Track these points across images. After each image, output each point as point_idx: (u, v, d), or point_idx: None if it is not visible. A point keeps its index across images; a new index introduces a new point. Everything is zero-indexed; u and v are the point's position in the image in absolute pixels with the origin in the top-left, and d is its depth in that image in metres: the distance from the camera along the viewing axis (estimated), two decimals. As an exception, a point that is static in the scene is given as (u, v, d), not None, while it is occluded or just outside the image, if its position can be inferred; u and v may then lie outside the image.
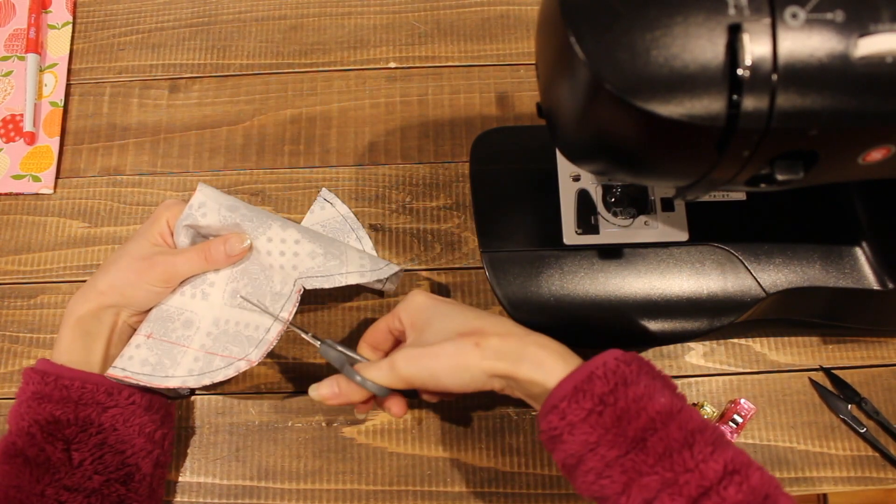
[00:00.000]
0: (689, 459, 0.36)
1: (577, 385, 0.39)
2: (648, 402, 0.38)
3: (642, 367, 0.40)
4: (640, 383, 0.39)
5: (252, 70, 0.64)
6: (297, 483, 0.54)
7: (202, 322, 0.50)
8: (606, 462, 0.37)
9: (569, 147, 0.43)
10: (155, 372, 0.49)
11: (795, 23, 0.31)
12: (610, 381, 0.39)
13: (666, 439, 0.37)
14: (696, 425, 0.37)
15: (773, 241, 0.52)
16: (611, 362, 0.39)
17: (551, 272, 0.53)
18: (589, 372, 0.39)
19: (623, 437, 0.37)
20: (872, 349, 0.56)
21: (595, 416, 0.38)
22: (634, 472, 0.36)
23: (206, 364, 0.49)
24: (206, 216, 0.49)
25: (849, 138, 0.34)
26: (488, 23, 0.65)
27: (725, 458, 0.36)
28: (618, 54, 0.33)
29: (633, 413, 0.38)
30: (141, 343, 0.50)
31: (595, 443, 0.38)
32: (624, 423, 0.37)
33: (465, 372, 0.42)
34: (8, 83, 0.65)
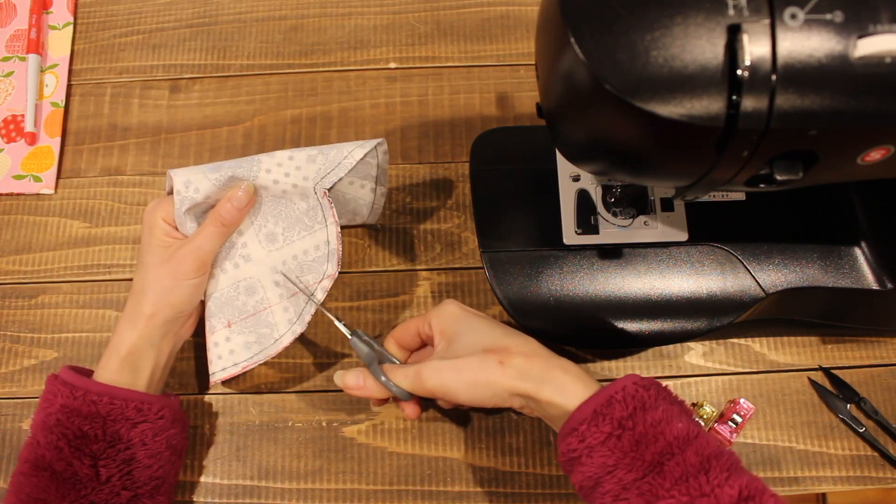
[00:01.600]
0: (704, 484, 0.36)
1: (596, 409, 0.39)
2: (666, 427, 0.38)
3: (660, 392, 0.41)
4: (659, 408, 0.39)
5: (252, 70, 0.65)
6: (297, 483, 0.54)
7: (262, 279, 0.51)
8: (623, 485, 0.38)
9: (568, 147, 0.43)
10: (263, 344, 0.50)
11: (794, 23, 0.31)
12: (629, 406, 0.39)
13: (683, 464, 0.37)
14: (713, 451, 0.38)
15: (773, 241, 0.52)
16: (630, 387, 0.40)
17: (551, 272, 0.53)
18: (608, 396, 0.40)
19: (641, 460, 0.38)
20: (871, 349, 0.56)
21: (614, 440, 0.38)
22: (651, 495, 0.37)
23: (297, 305, 0.50)
24: (198, 191, 0.48)
25: (848, 138, 0.34)
26: (488, 23, 0.65)
27: (741, 483, 0.36)
28: (618, 54, 0.33)
29: (651, 437, 0.38)
30: (229, 335, 0.50)
31: (613, 466, 0.38)
32: (642, 446, 0.38)
33: (486, 388, 0.43)
34: (9, 83, 0.65)
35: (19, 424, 0.56)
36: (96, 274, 0.59)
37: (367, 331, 0.56)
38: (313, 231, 0.50)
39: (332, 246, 0.50)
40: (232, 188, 0.49)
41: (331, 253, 0.50)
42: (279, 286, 0.51)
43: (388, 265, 0.59)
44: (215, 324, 0.51)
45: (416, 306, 0.58)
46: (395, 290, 0.58)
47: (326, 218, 0.50)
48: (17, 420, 0.56)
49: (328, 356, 0.57)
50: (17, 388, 0.57)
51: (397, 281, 0.58)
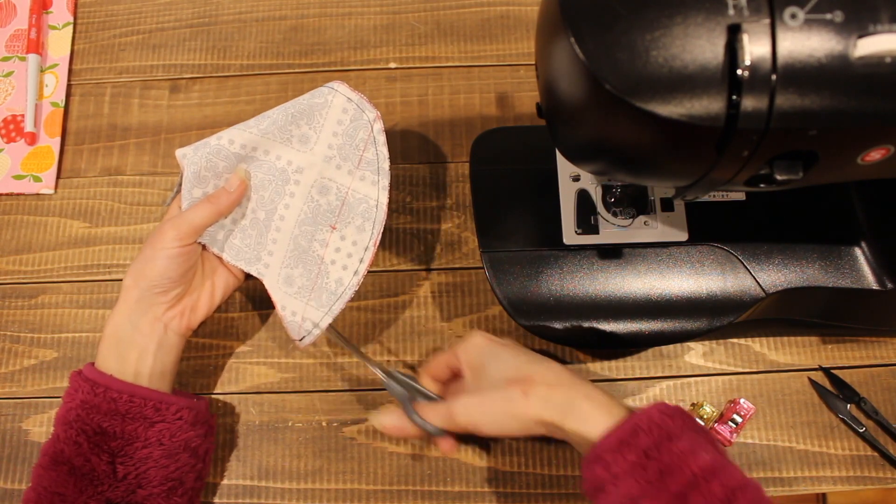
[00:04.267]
0: None
1: (622, 438, 0.39)
2: (692, 458, 0.38)
3: (686, 421, 0.41)
4: (684, 438, 0.39)
5: (252, 70, 0.65)
6: (297, 483, 0.54)
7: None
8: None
9: (568, 147, 0.43)
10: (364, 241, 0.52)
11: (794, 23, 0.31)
12: (654, 435, 0.39)
13: (708, 495, 0.37)
14: (738, 483, 0.38)
15: (773, 241, 0.52)
16: (656, 415, 0.40)
17: (551, 272, 0.53)
18: (634, 425, 0.40)
19: (666, 491, 0.37)
20: (871, 349, 0.56)
21: (640, 470, 0.38)
22: None
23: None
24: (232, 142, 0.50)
25: (848, 138, 0.34)
26: (488, 23, 0.65)
27: None
28: (617, 55, 0.33)
29: (677, 468, 0.38)
30: (335, 252, 0.52)
31: (638, 496, 0.38)
32: (667, 477, 0.38)
33: (514, 420, 0.43)
34: (9, 83, 0.65)
35: (19, 424, 0.56)
36: (96, 274, 0.59)
37: (368, 331, 0.56)
38: (320, 308, 0.51)
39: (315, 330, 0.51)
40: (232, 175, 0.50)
41: (311, 334, 0.51)
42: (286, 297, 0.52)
43: (388, 265, 0.59)
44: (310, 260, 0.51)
45: (416, 306, 0.58)
46: (395, 289, 0.58)
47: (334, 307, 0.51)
48: (17, 420, 0.56)
49: (328, 356, 0.57)
50: (17, 387, 0.57)
51: (397, 281, 0.58)
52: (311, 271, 0.51)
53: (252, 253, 0.52)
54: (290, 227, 0.52)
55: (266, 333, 0.58)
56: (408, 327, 0.57)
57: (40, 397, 0.57)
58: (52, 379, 0.57)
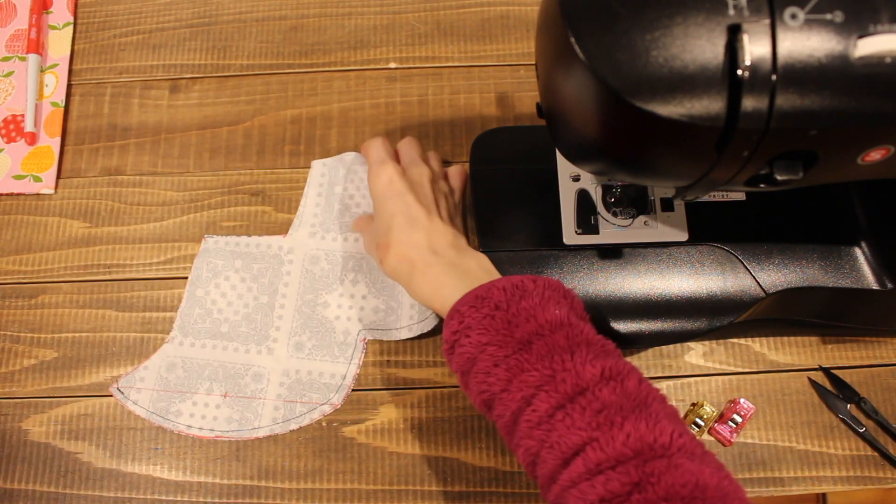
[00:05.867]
0: (567, 361, 0.38)
1: (478, 294, 0.42)
2: (540, 312, 0.40)
3: (549, 284, 0.43)
4: (537, 296, 0.41)
5: (252, 70, 0.65)
6: (297, 483, 0.54)
7: (272, 375, 0.55)
8: (494, 361, 0.40)
9: (568, 147, 0.43)
10: (242, 427, 0.54)
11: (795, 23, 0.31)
12: (508, 293, 0.42)
13: (550, 344, 0.39)
14: (585, 339, 0.40)
15: (773, 241, 0.52)
16: (516, 279, 0.42)
17: (551, 272, 0.53)
18: (491, 284, 0.42)
19: (511, 338, 0.40)
20: (871, 349, 0.56)
21: (489, 320, 0.41)
22: (517, 369, 0.39)
23: (289, 411, 0.54)
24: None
25: (848, 138, 0.34)
26: (488, 23, 0.65)
27: (605, 365, 0.38)
28: (618, 54, 0.33)
29: (523, 319, 0.40)
30: (220, 403, 0.54)
31: (486, 343, 0.40)
32: (513, 326, 0.40)
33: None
34: (9, 83, 0.65)
35: (19, 424, 0.56)
36: (96, 274, 0.59)
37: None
38: (336, 361, 0.55)
39: (346, 381, 0.55)
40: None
41: (342, 387, 0.55)
42: (282, 387, 0.55)
43: (388, 265, 0.59)
44: (214, 387, 0.55)
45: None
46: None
47: (353, 358, 0.55)
48: (17, 420, 0.56)
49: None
50: (17, 387, 0.57)
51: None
52: (318, 332, 0.55)
53: (261, 334, 0.56)
54: (292, 302, 0.56)
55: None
56: (408, 327, 0.57)
57: (40, 397, 0.57)
58: (52, 379, 0.57)
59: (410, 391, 0.56)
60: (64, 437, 0.55)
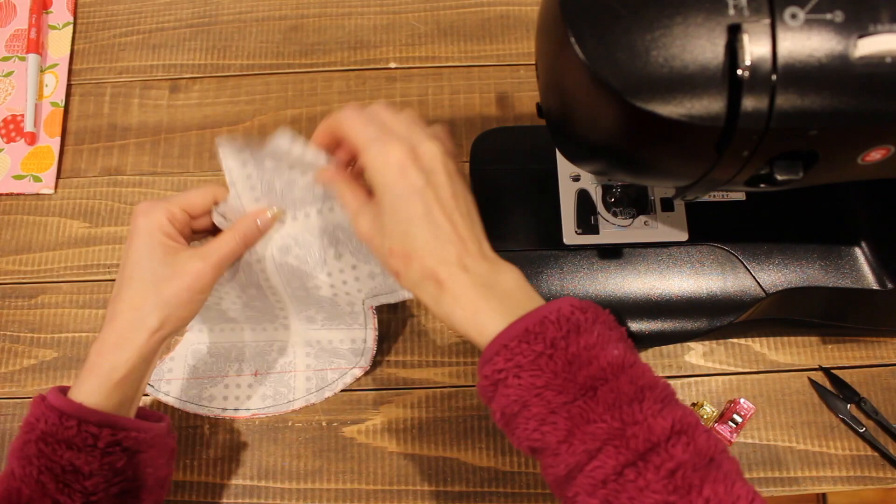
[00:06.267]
0: (637, 412, 0.34)
1: (528, 328, 0.36)
2: (601, 352, 0.36)
3: (598, 316, 0.38)
4: (594, 332, 0.37)
5: (252, 70, 0.65)
6: (297, 483, 0.54)
7: (296, 347, 0.55)
8: (552, 408, 0.35)
9: (568, 147, 0.43)
10: (277, 401, 0.54)
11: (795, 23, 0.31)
12: (563, 328, 0.36)
13: (616, 391, 0.35)
14: (647, 382, 0.36)
15: (773, 241, 0.52)
16: (566, 308, 0.37)
17: (551, 272, 0.53)
18: (542, 316, 0.36)
19: (573, 382, 0.35)
20: (871, 349, 0.56)
21: (545, 359, 0.36)
22: (581, 419, 0.35)
23: (320, 380, 0.54)
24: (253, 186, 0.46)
25: (848, 138, 0.34)
26: (488, 23, 0.65)
27: (674, 416, 0.35)
28: (618, 54, 0.33)
29: (585, 360, 0.36)
30: (252, 382, 0.54)
31: (542, 387, 0.35)
32: (574, 368, 0.35)
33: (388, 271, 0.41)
34: (9, 83, 0.65)
35: (19, 424, 0.56)
36: (96, 274, 0.59)
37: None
38: (352, 328, 0.54)
39: (368, 345, 0.54)
40: (261, 209, 0.46)
41: (366, 350, 0.54)
42: (308, 356, 0.55)
43: (388, 265, 0.59)
44: (244, 368, 0.54)
45: (417, 306, 0.58)
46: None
47: (367, 324, 0.54)
48: (17, 420, 0.56)
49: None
50: (16, 387, 0.57)
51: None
52: (323, 308, 0.53)
53: (268, 315, 0.54)
54: (282, 292, 0.51)
55: (266, 333, 0.58)
56: (408, 327, 0.57)
57: (40, 397, 0.57)
58: (52, 379, 0.57)
59: (410, 391, 0.56)
60: (64, 437, 0.55)
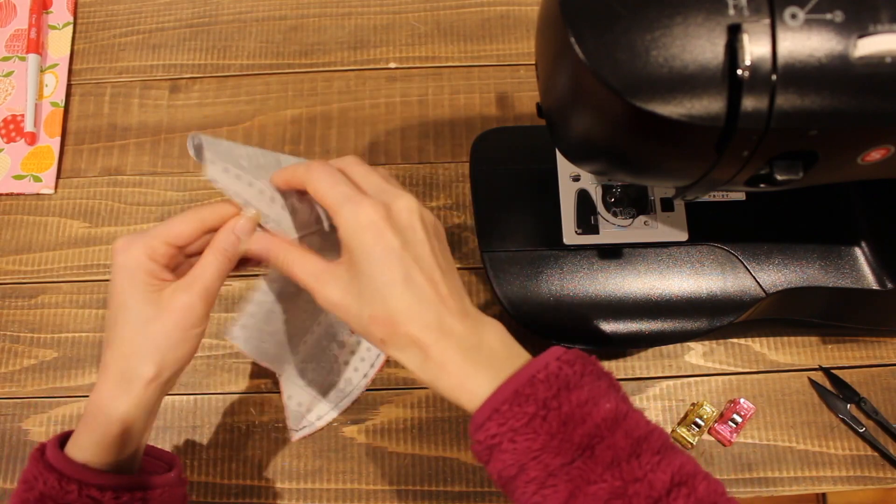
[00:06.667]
0: (637, 469, 0.34)
1: (518, 389, 0.36)
2: (594, 408, 0.35)
3: (586, 367, 0.37)
4: (584, 387, 0.36)
5: (252, 70, 0.65)
6: (297, 483, 0.54)
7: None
8: (550, 471, 0.35)
9: (568, 147, 0.43)
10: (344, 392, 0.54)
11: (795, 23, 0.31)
12: (553, 386, 0.36)
13: (613, 447, 0.35)
14: (642, 433, 0.36)
15: (773, 241, 0.52)
16: (553, 364, 0.36)
17: (551, 272, 0.53)
18: (531, 375, 0.36)
19: (569, 442, 0.35)
20: (871, 349, 0.56)
21: (538, 421, 0.35)
22: (581, 480, 0.34)
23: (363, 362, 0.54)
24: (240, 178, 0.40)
25: (848, 138, 0.34)
26: (488, 23, 0.65)
27: (672, 468, 0.35)
28: (618, 54, 0.33)
29: (579, 419, 0.35)
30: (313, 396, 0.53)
31: (539, 450, 0.35)
32: (569, 428, 0.35)
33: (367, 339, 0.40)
34: (9, 83, 0.65)
35: (19, 424, 0.56)
36: (96, 274, 0.59)
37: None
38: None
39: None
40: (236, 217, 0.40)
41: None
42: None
43: (388, 265, 0.59)
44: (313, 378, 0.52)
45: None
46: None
47: None
48: (17, 420, 0.56)
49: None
50: (16, 387, 0.57)
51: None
52: (323, 369, 0.52)
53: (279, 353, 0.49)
54: (321, 330, 0.50)
55: (266, 333, 0.58)
56: (408, 327, 0.57)
57: (40, 397, 0.57)
58: (52, 379, 0.57)
59: (410, 391, 0.56)
60: (64, 437, 0.55)
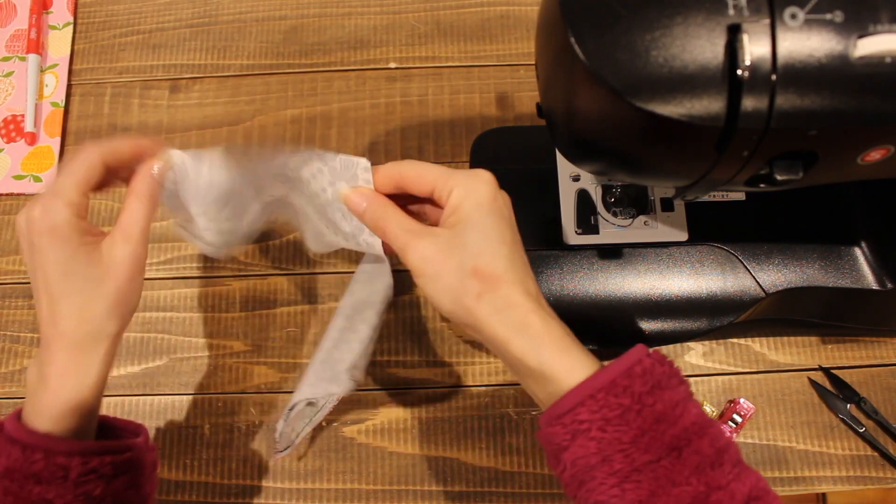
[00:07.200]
0: (720, 477, 0.34)
1: (615, 379, 0.35)
2: (684, 411, 0.35)
3: (672, 369, 0.37)
4: (677, 388, 0.36)
5: (252, 70, 0.65)
6: (297, 483, 0.54)
7: None
8: (635, 466, 0.34)
9: (568, 147, 0.43)
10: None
11: (794, 23, 0.31)
12: (648, 382, 0.35)
13: (699, 453, 0.34)
14: (723, 443, 0.36)
15: (773, 241, 0.52)
16: (646, 361, 0.36)
17: (551, 272, 0.53)
18: (627, 367, 0.35)
19: (659, 441, 0.34)
20: (871, 349, 0.56)
21: (633, 414, 0.34)
22: (667, 480, 0.33)
23: None
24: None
25: (848, 138, 0.34)
26: (488, 23, 0.65)
27: (751, 482, 0.34)
28: (618, 54, 0.33)
29: (671, 419, 0.34)
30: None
31: (628, 443, 0.34)
32: (663, 426, 0.34)
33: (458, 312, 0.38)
34: (9, 83, 0.65)
35: (19, 424, 0.56)
36: (96, 274, 0.59)
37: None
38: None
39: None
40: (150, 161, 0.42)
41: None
42: None
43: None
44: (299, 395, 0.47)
45: (417, 306, 0.58)
46: (396, 289, 0.58)
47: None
48: (17, 420, 0.56)
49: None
50: (17, 387, 0.57)
51: (398, 281, 0.58)
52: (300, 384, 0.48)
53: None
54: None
55: (266, 333, 0.58)
56: (408, 327, 0.57)
57: (40, 397, 0.57)
58: (52, 379, 0.57)
59: (410, 391, 0.56)
60: (64, 437, 0.55)
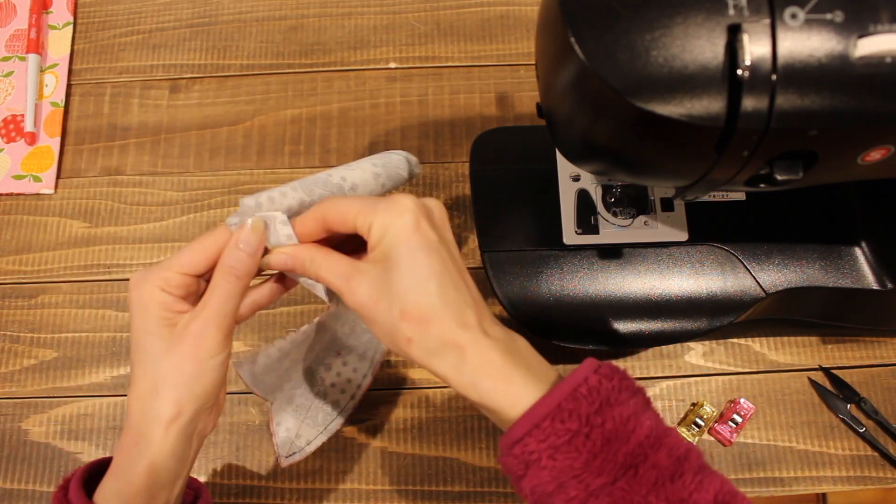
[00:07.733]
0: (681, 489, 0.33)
1: (559, 403, 0.34)
2: (636, 425, 0.34)
3: (623, 381, 0.36)
4: (626, 403, 0.35)
5: (252, 70, 0.65)
6: (297, 483, 0.54)
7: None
8: (591, 491, 0.33)
9: (568, 147, 0.43)
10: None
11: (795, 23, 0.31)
12: (595, 401, 0.34)
13: (656, 467, 0.33)
14: (682, 451, 0.35)
15: (773, 241, 0.52)
16: (592, 378, 0.35)
17: (551, 272, 0.53)
18: (572, 389, 0.34)
19: (612, 462, 0.33)
20: (871, 349, 0.56)
21: (581, 438, 0.33)
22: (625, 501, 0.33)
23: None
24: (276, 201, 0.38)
25: (848, 138, 0.34)
26: (488, 23, 0.65)
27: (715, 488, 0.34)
28: (618, 54, 0.33)
29: (623, 437, 0.34)
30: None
31: (580, 468, 0.33)
32: (613, 446, 0.33)
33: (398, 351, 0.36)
34: (9, 83, 0.65)
35: (19, 424, 0.56)
36: (96, 274, 0.59)
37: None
38: None
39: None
40: (238, 228, 0.38)
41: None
42: None
43: (388, 265, 0.59)
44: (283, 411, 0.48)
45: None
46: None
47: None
48: (17, 420, 0.56)
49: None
50: (16, 387, 0.57)
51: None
52: (311, 391, 0.49)
53: (274, 384, 0.47)
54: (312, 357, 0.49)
55: (266, 333, 0.58)
56: (408, 327, 0.57)
57: (40, 397, 0.57)
58: (52, 379, 0.57)
59: (410, 391, 0.56)
60: (64, 437, 0.55)
